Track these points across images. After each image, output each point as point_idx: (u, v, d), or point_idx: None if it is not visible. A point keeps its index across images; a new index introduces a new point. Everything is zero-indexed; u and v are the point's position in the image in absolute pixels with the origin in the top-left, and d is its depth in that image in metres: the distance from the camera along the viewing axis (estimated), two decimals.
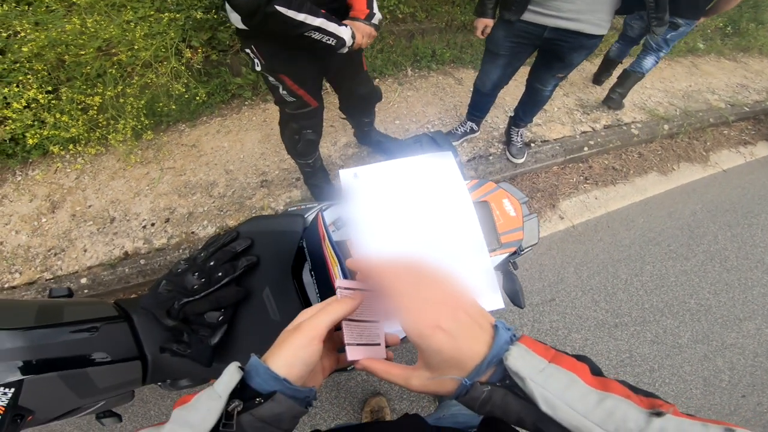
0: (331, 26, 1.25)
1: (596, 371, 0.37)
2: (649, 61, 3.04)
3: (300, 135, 1.73)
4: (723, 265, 2.49)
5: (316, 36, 1.24)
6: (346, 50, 1.35)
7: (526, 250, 1.05)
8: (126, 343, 0.75)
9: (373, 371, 0.44)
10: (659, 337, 2.09)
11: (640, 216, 2.68)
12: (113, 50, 2.12)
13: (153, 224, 2.04)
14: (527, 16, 1.77)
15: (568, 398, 0.34)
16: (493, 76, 2.18)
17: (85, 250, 1.93)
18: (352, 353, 0.45)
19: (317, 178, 2.12)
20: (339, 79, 1.78)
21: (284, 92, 1.50)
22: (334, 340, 0.51)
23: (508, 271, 1.11)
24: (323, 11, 1.24)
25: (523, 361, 0.36)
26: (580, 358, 0.39)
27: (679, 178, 3.06)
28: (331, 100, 2.78)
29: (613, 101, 3.26)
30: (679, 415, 0.32)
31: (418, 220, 0.71)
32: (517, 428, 0.41)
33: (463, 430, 0.62)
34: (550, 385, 0.34)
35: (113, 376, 0.70)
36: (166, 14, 2.16)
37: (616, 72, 3.32)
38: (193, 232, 2.01)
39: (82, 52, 2.00)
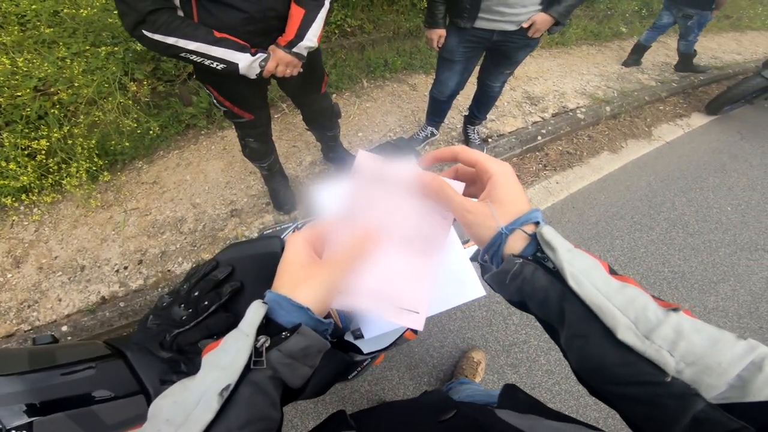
0: (217, 51, 1.23)
1: (613, 271, 0.38)
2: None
3: (244, 141, 1.81)
4: (686, 230, 2.65)
5: (195, 58, 1.23)
6: (254, 76, 1.33)
7: None
8: (125, 378, 0.74)
9: (439, 187, 0.45)
10: None
11: (600, 193, 2.83)
12: (52, 89, 2.02)
13: (126, 267, 1.94)
14: (478, 23, 1.86)
15: (592, 278, 0.35)
16: (451, 83, 2.25)
17: (60, 300, 1.82)
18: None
19: (275, 182, 2.16)
20: (295, 96, 1.83)
21: (214, 101, 1.57)
22: None
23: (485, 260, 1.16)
24: (222, 35, 1.22)
25: (555, 236, 0.37)
26: None
27: (629, 154, 3.26)
28: (290, 120, 2.77)
29: (628, 62, 4.35)
30: (692, 316, 0.32)
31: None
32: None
33: (485, 405, 0.63)
34: (576, 262, 0.36)
35: (120, 412, 0.69)
36: (103, 48, 2.08)
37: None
38: (169, 270, 1.92)
39: (18, 93, 1.89)
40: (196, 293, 0.80)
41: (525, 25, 1.82)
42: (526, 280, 0.38)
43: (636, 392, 0.31)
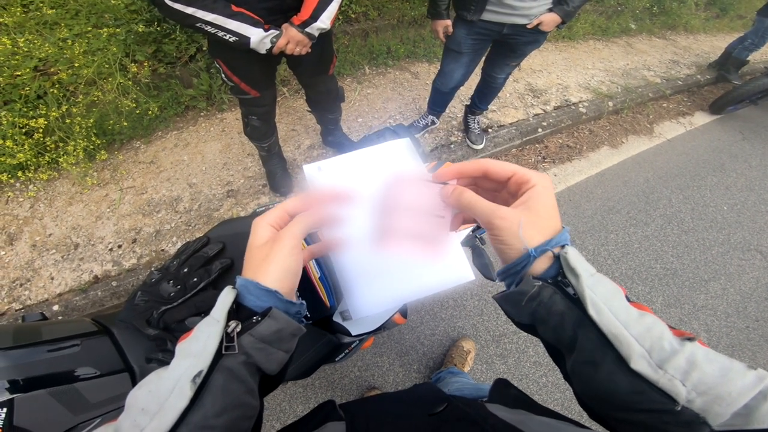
0: (232, 24, 1.27)
1: (628, 298, 0.37)
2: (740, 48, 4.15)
3: (247, 119, 1.84)
4: (680, 227, 2.65)
5: (210, 29, 1.28)
6: (264, 52, 1.37)
7: None
8: (110, 356, 0.74)
9: (459, 197, 0.43)
10: None
11: (597, 187, 2.82)
12: (52, 69, 2.02)
13: (120, 246, 1.94)
14: (486, 16, 1.81)
15: (613, 306, 0.34)
16: (456, 75, 2.21)
17: (52, 278, 1.82)
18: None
19: (272, 164, 2.18)
20: (302, 75, 1.84)
21: (223, 76, 1.60)
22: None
23: (476, 246, 1.16)
24: (238, 9, 1.27)
25: (579, 261, 0.37)
26: None
27: (629, 149, 3.25)
28: (290, 104, 2.76)
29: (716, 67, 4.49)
30: (705, 345, 0.33)
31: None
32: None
33: (475, 399, 0.63)
34: (598, 289, 0.35)
35: (104, 390, 0.69)
36: (105, 29, 2.06)
37: None
38: (163, 250, 1.93)
39: (18, 73, 1.89)
40: (186, 270, 0.80)
41: (530, 26, 1.79)
42: (542, 304, 0.38)
43: (642, 419, 0.32)
